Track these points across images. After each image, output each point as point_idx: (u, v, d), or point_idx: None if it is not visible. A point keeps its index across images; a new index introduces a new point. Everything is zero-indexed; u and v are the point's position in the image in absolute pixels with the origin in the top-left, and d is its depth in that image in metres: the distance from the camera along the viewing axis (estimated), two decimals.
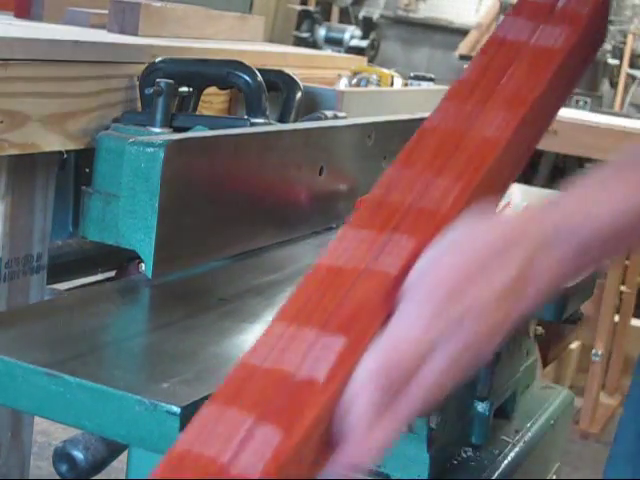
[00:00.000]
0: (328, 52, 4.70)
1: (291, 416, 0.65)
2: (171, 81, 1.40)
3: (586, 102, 6.38)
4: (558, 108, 1.02)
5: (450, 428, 1.35)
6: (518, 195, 2.20)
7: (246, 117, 1.46)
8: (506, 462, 1.41)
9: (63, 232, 1.69)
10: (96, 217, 1.12)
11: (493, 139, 0.85)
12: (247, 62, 1.51)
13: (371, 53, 6.74)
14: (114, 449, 1.33)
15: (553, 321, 1.40)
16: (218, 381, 0.84)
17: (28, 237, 1.46)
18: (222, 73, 1.50)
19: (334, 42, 6.74)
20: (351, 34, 6.87)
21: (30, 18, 1.83)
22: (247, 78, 1.48)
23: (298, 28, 7.05)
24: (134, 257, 1.12)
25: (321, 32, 6.88)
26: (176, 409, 0.78)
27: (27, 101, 1.30)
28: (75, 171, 1.66)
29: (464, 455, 1.40)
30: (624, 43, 7.97)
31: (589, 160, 4.77)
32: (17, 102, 1.28)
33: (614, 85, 7.68)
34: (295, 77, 1.58)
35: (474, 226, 0.76)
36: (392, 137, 1.68)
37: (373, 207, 0.80)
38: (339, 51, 6.06)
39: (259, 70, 1.50)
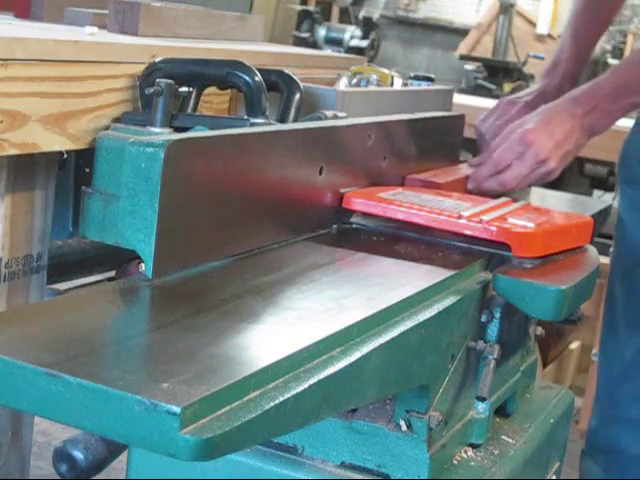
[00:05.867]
0: (328, 52, 4.70)
1: None
2: (171, 81, 1.40)
3: None
4: None
5: (450, 428, 1.35)
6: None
7: (246, 117, 1.46)
8: (506, 462, 1.41)
9: (63, 232, 1.69)
10: (96, 217, 1.12)
11: None
12: (247, 62, 1.51)
13: (371, 53, 6.74)
14: (114, 449, 1.33)
15: (553, 321, 1.40)
16: (218, 381, 0.84)
17: (28, 237, 1.46)
18: (222, 73, 1.50)
19: (334, 42, 6.75)
20: (351, 34, 6.88)
21: (30, 18, 1.83)
22: (247, 78, 1.48)
23: (298, 28, 7.06)
24: (134, 257, 1.12)
25: (321, 32, 6.88)
26: (176, 409, 0.78)
27: (27, 101, 1.30)
28: (75, 171, 1.66)
29: (464, 455, 1.40)
30: (624, 43, 7.97)
31: (589, 160, 4.77)
32: (17, 102, 1.28)
33: None
34: (295, 77, 1.58)
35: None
36: (392, 137, 1.69)
37: None
38: (339, 51, 6.07)
39: (259, 70, 1.50)
